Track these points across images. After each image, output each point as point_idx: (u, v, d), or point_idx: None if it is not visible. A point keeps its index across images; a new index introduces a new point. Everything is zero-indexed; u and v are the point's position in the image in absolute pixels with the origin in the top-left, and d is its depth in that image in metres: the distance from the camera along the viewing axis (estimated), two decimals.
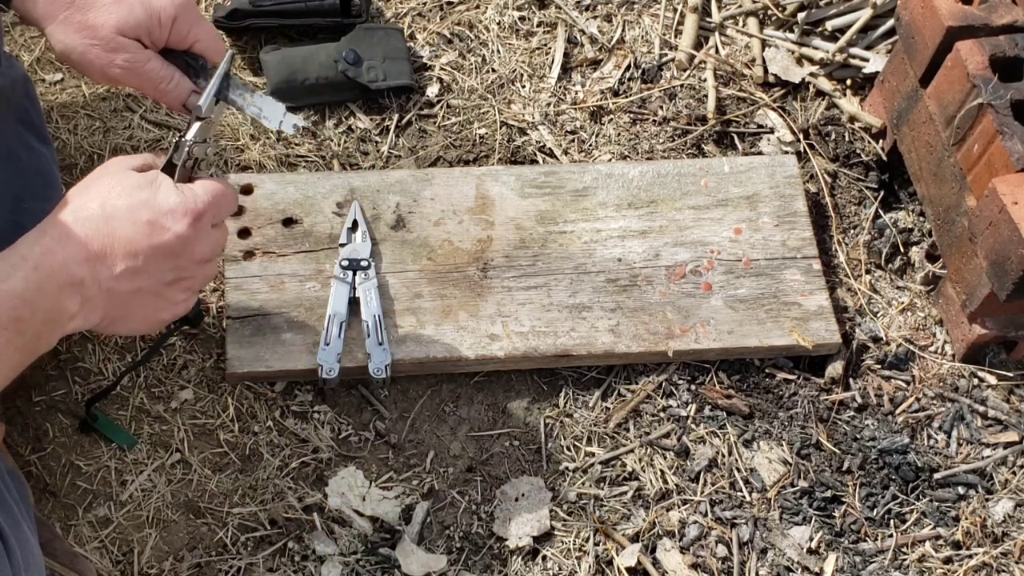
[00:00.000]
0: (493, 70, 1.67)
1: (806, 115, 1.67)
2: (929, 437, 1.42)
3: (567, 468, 1.36)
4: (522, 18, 1.73)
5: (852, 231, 1.57)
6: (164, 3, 1.06)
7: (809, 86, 1.69)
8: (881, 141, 1.63)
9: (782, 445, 1.39)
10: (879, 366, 1.46)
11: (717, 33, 1.74)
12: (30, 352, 0.93)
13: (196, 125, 1.03)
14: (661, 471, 1.37)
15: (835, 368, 1.44)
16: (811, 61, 1.71)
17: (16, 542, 0.99)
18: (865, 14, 1.68)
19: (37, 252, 0.92)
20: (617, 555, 1.30)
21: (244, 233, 1.42)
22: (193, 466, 1.32)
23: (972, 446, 1.41)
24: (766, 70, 1.70)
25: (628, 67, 1.69)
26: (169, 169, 1.01)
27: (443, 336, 1.38)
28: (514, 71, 1.67)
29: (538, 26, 1.73)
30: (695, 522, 1.34)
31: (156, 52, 1.08)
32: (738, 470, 1.38)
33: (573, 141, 1.62)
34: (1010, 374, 1.46)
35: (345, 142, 1.58)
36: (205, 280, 1.05)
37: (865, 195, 1.60)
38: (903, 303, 1.52)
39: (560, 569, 1.30)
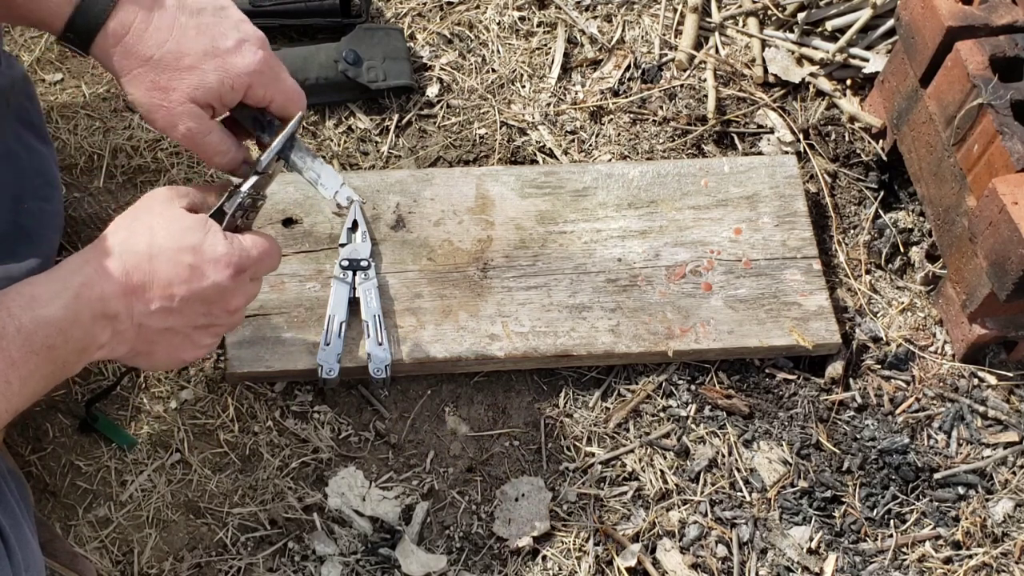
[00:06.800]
0: (493, 70, 1.67)
1: (806, 115, 1.67)
2: (929, 437, 1.42)
3: (567, 468, 1.36)
4: (522, 18, 1.73)
5: (852, 231, 1.57)
6: (240, 69, 1.03)
7: (809, 86, 1.69)
8: (881, 141, 1.63)
9: (782, 445, 1.39)
10: (879, 366, 1.47)
11: (717, 33, 1.74)
12: (56, 379, 0.94)
13: (254, 178, 1.05)
14: (661, 471, 1.37)
15: (835, 368, 1.44)
16: (811, 61, 1.71)
17: (17, 542, 0.99)
18: (865, 14, 1.68)
19: (78, 281, 0.94)
20: (617, 555, 1.30)
21: None
22: (193, 466, 1.32)
23: (972, 446, 1.41)
24: (766, 70, 1.70)
25: (628, 67, 1.69)
26: (218, 215, 1.03)
27: (443, 336, 1.38)
28: (514, 71, 1.67)
29: (538, 26, 1.73)
30: (695, 522, 1.34)
31: (222, 115, 1.07)
32: (738, 470, 1.38)
33: (573, 141, 1.62)
34: (1010, 374, 1.46)
35: (345, 142, 1.58)
36: (231, 328, 1.08)
37: (865, 195, 1.60)
38: (903, 303, 1.52)
39: (560, 569, 1.30)
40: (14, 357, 0.89)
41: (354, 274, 1.39)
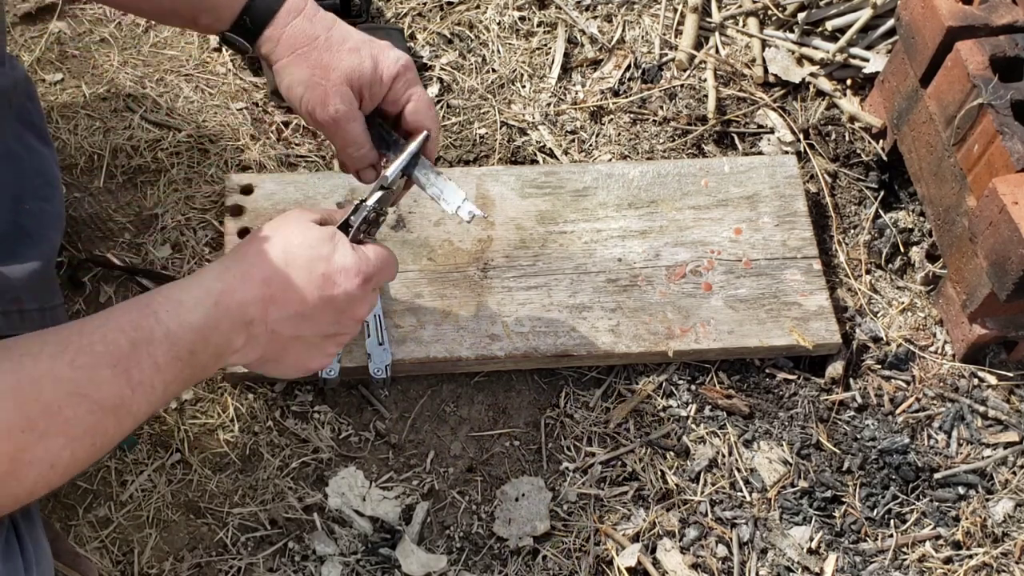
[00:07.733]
0: (493, 70, 1.67)
1: (806, 115, 1.67)
2: (929, 437, 1.42)
3: (567, 468, 1.36)
4: (522, 18, 1.73)
5: (852, 231, 1.57)
6: (389, 62, 1.11)
7: (809, 86, 1.69)
8: (881, 141, 1.63)
9: (782, 445, 1.39)
10: (879, 366, 1.47)
11: (717, 33, 1.74)
12: (191, 383, 0.97)
13: (379, 193, 1.09)
14: (661, 471, 1.37)
15: (835, 368, 1.44)
16: (811, 61, 1.71)
17: (30, 540, 0.99)
18: (865, 14, 1.68)
19: (219, 288, 0.97)
20: (617, 555, 1.30)
21: (244, 233, 1.42)
22: (193, 466, 1.32)
23: (972, 446, 1.41)
24: (766, 70, 1.70)
25: (628, 67, 1.69)
26: (344, 227, 1.07)
27: (443, 336, 1.38)
28: (514, 71, 1.67)
29: (538, 26, 1.73)
30: (695, 522, 1.34)
31: (366, 112, 1.13)
32: (738, 470, 1.38)
33: (573, 141, 1.62)
34: (1010, 374, 1.46)
35: None
36: (352, 336, 1.11)
37: (865, 195, 1.60)
38: (903, 303, 1.52)
39: (560, 569, 1.30)
40: (159, 362, 0.91)
41: None
